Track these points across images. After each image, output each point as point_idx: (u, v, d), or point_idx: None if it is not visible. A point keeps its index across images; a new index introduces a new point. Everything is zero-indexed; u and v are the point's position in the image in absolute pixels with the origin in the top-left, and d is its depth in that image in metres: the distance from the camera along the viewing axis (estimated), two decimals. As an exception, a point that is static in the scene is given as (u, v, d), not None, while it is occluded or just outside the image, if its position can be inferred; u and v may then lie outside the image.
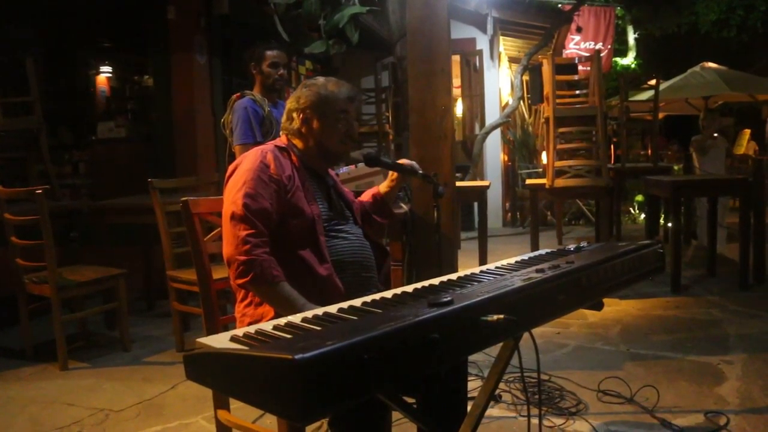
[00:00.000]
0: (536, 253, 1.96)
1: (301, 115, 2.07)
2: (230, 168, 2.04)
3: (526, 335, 1.56)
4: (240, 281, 1.86)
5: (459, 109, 9.15)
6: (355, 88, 2.14)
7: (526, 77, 8.41)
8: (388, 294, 1.51)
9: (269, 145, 2.08)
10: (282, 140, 2.13)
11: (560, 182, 5.41)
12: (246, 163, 1.99)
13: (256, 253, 1.83)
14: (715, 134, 7.12)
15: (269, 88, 3.60)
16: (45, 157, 4.95)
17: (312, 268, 1.92)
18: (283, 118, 2.14)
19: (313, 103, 2.06)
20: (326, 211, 2.07)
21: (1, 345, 4.11)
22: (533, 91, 7.31)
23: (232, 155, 3.48)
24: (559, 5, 9.54)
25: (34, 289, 3.72)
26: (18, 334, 3.96)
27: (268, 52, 3.61)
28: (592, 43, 11.75)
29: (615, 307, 4.49)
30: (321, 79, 2.11)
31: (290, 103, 2.11)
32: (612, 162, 8.52)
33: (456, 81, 8.55)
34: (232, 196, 1.92)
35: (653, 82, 7.50)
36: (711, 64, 10.77)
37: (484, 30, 9.01)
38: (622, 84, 7.22)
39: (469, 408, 1.69)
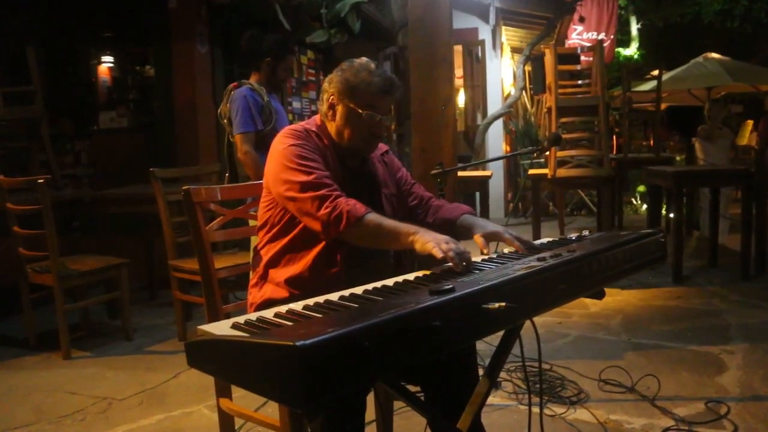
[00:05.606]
0: (538, 241, 1.96)
1: (329, 99, 1.91)
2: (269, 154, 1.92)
3: (527, 324, 1.57)
4: (342, 229, 1.72)
5: (461, 99, 9.12)
6: (392, 80, 1.90)
7: (528, 67, 8.37)
8: (389, 282, 1.51)
9: (299, 125, 1.94)
10: (316, 120, 1.99)
11: (562, 172, 5.40)
12: (286, 141, 1.87)
13: (337, 200, 1.73)
14: (721, 126, 7.09)
15: (273, 86, 3.58)
16: (46, 147, 4.95)
17: (323, 267, 1.81)
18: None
19: (340, 89, 1.88)
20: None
21: (4, 334, 4.13)
22: (535, 82, 7.27)
23: (230, 145, 3.47)
24: (562, -5, 9.48)
25: (36, 279, 3.73)
26: (21, 324, 3.98)
27: (290, 57, 3.57)
28: (595, 33, 11.69)
29: (616, 297, 4.50)
30: (358, 63, 1.90)
31: (324, 82, 1.95)
32: (614, 152, 8.50)
33: (458, 71, 8.51)
34: (285, 177, 1.80)
35: (656, 72, 7.47)
36: (714, 55, 10.70)
37: (486, 20, 8.97)
38: (625, 74, 7.20)
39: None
